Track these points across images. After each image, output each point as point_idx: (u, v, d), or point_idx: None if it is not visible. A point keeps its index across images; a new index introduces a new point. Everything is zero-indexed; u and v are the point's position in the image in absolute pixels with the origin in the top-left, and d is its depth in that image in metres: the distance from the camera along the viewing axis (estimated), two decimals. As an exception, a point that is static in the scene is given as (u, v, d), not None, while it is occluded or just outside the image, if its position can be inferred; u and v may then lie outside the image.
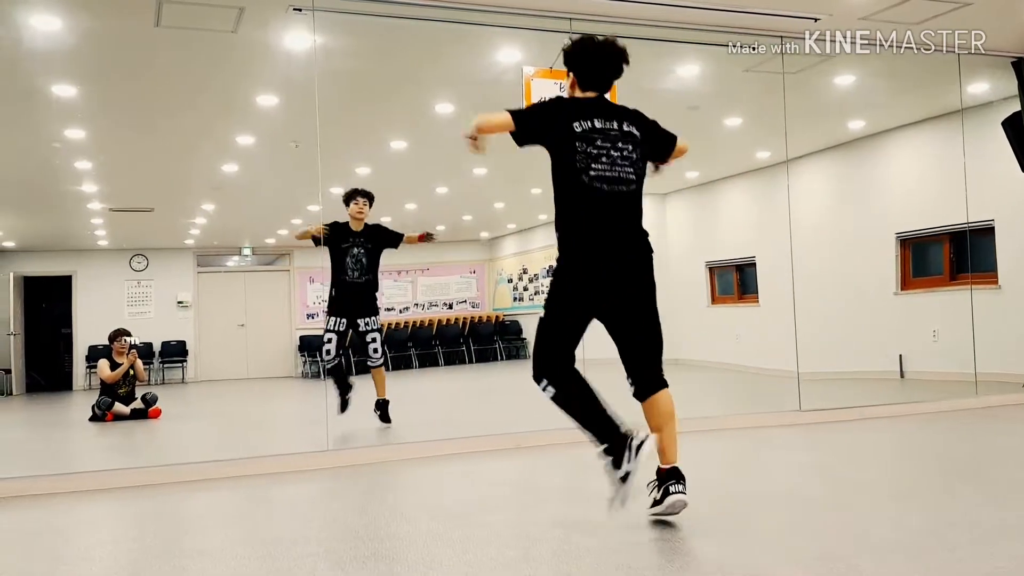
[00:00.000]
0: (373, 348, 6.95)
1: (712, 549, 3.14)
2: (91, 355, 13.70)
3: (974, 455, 5.29)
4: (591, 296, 3.45)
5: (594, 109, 3.57)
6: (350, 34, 6.30)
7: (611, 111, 3.61)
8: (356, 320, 6.90)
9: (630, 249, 3.53)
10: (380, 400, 6.96)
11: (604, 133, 3.50)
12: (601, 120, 3.53)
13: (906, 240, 9.56)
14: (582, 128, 3.48)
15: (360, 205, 6.93)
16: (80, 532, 4.22)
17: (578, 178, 3.45)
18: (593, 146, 3.46)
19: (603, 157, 3.47)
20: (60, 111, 7.36)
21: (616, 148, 3.51)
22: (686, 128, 9.71)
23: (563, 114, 3.53)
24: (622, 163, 3.51)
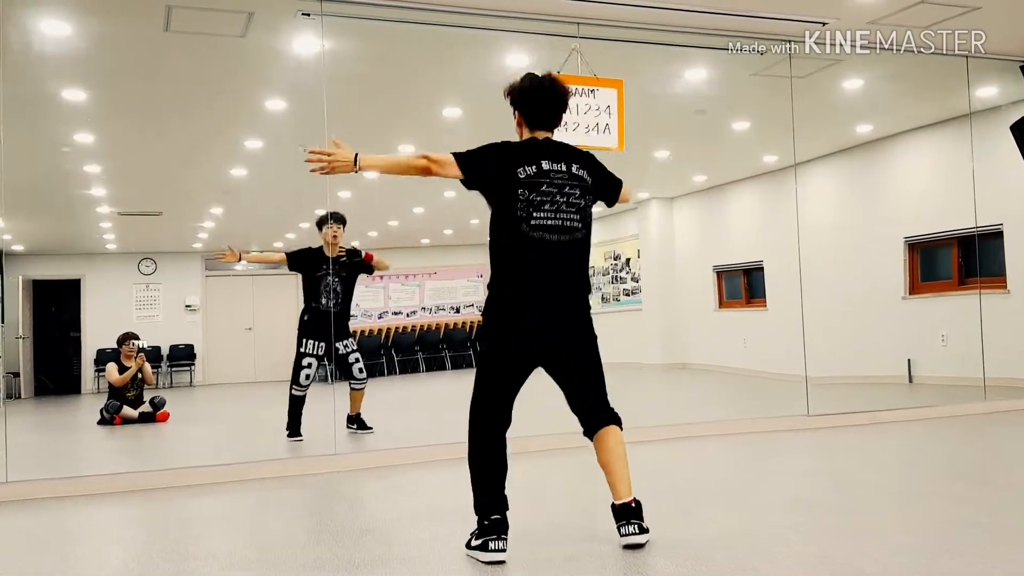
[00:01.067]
0: (358, 368, 6.91)
1: (721, 553, 3.14)
2: (99, 359, 13.74)
3: (983, 460, 5.27)
4: (528, 349, 3.33)
5: (542, 151, 3.38)
6: (358, 39, 6.31)
7: (560, 153, 3.41)
8: (335, 344, 6.85)
9: (569, 302, 3.35)
10: (354, 416, 6.96)
11: (550, 178, 3.31)
12: (549, 162, 3.34)
13: (914, 244, 9.54)
14: (526, 174, 3.30)
15: (334, 230, 6.82)
16: (89, 535, 4.24)
17: (518, 227, 3.27)
18: (537, 192, 3.28)
19: (546, 204, 3.29)
20: (69, 115, 7.39)
21: (563, 193, 3.32)
22: (694, 133, 9.78)
23: (507, 158, 3.33)
24: (567, 210, 3.33)
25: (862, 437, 6.08)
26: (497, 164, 3.33)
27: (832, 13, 6.23)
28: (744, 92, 7.97)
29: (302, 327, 6.85)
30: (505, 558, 3.17)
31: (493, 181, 3.34)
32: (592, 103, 5.92)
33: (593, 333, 3.42)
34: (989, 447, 5.73)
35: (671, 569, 2.96)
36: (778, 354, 9.75)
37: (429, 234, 15.63)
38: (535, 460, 5.53)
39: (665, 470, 5.16)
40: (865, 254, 9.98)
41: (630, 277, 14.22)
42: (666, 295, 13.48)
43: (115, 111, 7.54)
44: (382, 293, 15.95)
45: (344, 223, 6.94)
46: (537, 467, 5.36)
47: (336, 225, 6.84)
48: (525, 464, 5.46)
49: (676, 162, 11.08)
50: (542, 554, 3.24)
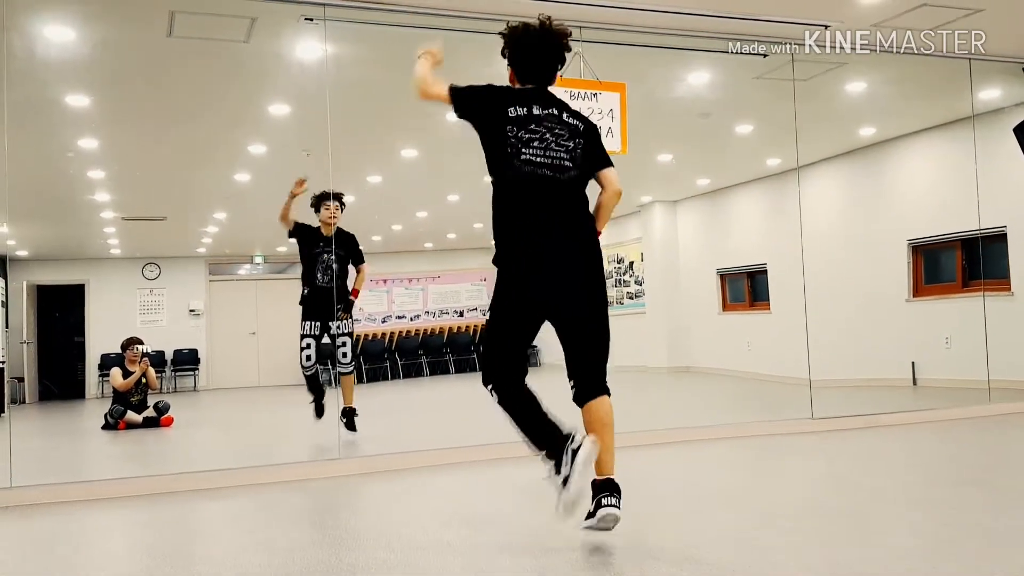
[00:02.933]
0: (343, 352, 6.85)
1: (724, 557, 3.13)
2: (104, 363, 13.76)
3: (987, 463, 5.26)
4: (534, 292, 3.27)
5: (533, 96, 3.42)
6: (361, 43, 6.32)
7: (552, 100, 3.45)
8: (328, 323, 6.83)
9: (570, 234, 3.30)
10: (347, 408, 6.84)
11: (539, 120, 3.34)
12: (539, 107, 3.38)
13: (918, 247, 9.53)
14: (517, 113, 3.34)
15: (332, 210, 6.77)
16: (93, 540, 4.24)
17: (509, 163, 3.30)
18: (525, 130, 3.31)
19: (535, 141, 3.31)
20: (73, 121, 7.41)
21: (552, 134, 3.34)
22: (697, 136, 9.77)
23: (499, 98, 3.40)
24: (556, 148, 3.33)
25: (866, 440, 6.07)
26: (488, 100, 3.41)
27: (835, 16, 6.23)
28: (747, 95, 7.98)
29: (302, 308, 6.88)
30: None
31: (483, 115, 3.40)
32: (595, 106, 5.92)
33: (601, 281, 3.35)
34: (994, 450, 5.72)
35: (673, 572, 2.96)
36: (782, 357, 9.73)
37: (432, 238, 15.64)
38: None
39: (668, 473, 5.16)
40: (868, 257, 9.97)
41: (634, 280, 14.21)
42: (670, 298, 13.48)
43: (119, 116, 7.56)
44: (385, 297, 15.95)
45: (342, 202, 6.86)
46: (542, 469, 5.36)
47: (334, 204, 6.77)
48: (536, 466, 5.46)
49: (679, 165, 11.09)
50: (541, 555, 3.24)
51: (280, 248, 15.77)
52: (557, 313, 3.31)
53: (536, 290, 3.27)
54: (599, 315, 3.32)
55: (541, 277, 3.26)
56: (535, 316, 3.33)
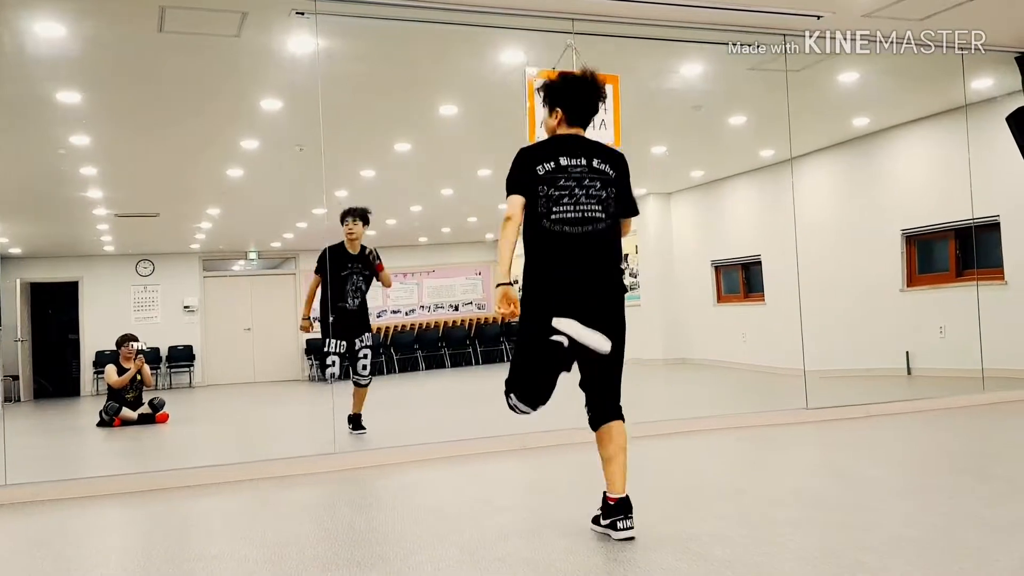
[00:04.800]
0: (363, 365, 6.92)
1: (720, 547, 3.14)
2: (98, 360, 13.75)
3: (982, 451, 5.28)
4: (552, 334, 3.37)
5: (560, 147, 3.48)
6: (353, 37, 6.30)
7: (580, 147, 3.50)
8: (354, 340, 6.92)
9: (600, 286, 3.43)
10: (354, 415, 6.91)
11: (567, 172, 3.42)
12: (567, 157, 3.44)
13: (912, 237, 9.54)
14: (545, 170, 3.41)
15: (350, 225, 6.81)
16: (88, 537, 4.24)
17: (540, 222, 3.40)
18: (555, 187, 3.39)
19: (565, 198, 3.39)
20: (65, 117, 7.38)
21: (581, 186, 3.41)
22: (690, 128, 9.76)
23: (529, 161, 3.45)
24: (587, 201, 3.41)
25: (861, 430, 6.09)
26: (524, 171, 3.44)
27: (827, 6, 6.23)
28: (740, 87, 7.97)
29: (328, 327, 6.85)
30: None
31: (524, 187, 3.43)
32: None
33: (622, 324, 3.47)
34: (988, 438, 5.74)
35: (671, 563, 2.97)
36: (777, 348, 9.76)
37: (427, 232, 15.63)
38: (540, 456, 5.54)
39: (665, 465, 5.17)
40: (862, 247, 9.99)
41: (628, 273, 14.23)
42: (665, 290, 13.49)
43: (110, 113, 7.53)
44: (380, 292, 15.94)
45: (365, 219, 6.87)
46: (542, 462, 5.37)
47: (351, 220, 6.81)
48: (531, 459, 5.47)
49: (673, 157, 11.09)
50: (544, 548, 3.24)
51: (274, 244, 15.77)
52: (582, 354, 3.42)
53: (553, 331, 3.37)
54: (619, 356, 3.47)
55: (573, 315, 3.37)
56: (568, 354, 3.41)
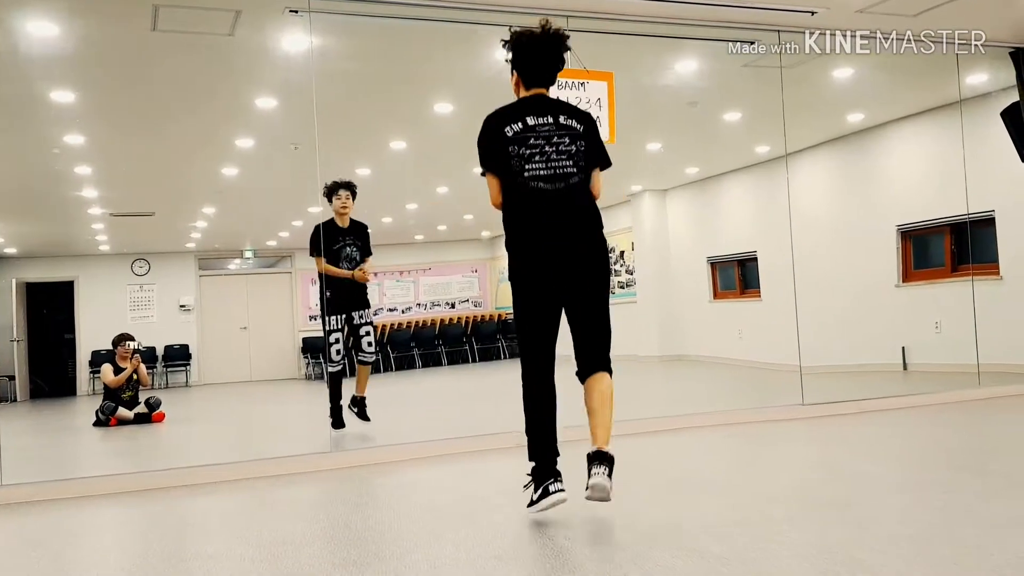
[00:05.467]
0: (367, 342, 6.83)
1: (717, 544, 3.14)
2: (94, 360, 13.74)
3: (978, 447, 5.29)
4: (548, 285, 3.49)
5: (526, 108, 3.56)
6: (347, 35, 6.30)
7: (546, 106, 3.58)
8: (351, 314, 6.80)
9: (580, 240, 3.50)
10: (358, 397, 6.82)
11: (535, 130, 3.50)
12: (533, 117, 3.52)
13: (907, 232, 9.56)
14: (513, 131, 3.49)
15: (343, 199, 6.75)
16: (85, 537, 4.23)
17: (515, 180, 3.48)
18: (525, 146, 3.47)
19: (536, 155, 3.47)
20: (59, 117, 7.37)
21: (551, 143, 3.49)
22: (685, 124, 9.74)
23: (496, 126, 3.53)
24: (558, 157, 3.50)
25: (857, 425, 6.10)
26: (493, 139, 3.52)
27: (821, 2, 6.22)
28: (735, 83, 7.97)
29: (325, 304, 6.75)
30: (567, 497, 3.39)
31: (495, 154, 3.52)
32: (582, 96, 5.91)
33: (606, 276, 3.57)
34: (984, 434, 5.75)
35: (667, 560, 2.97)
36: (773, 344, 9.77)
37: (423, 230, 15.62)
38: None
39: (661, 462, 5.17)
40: (858, 243, 10.00)
41: (624, 270, 14.23)
42: (661, 287, 13.50)
43: (105, 112, 7.52)
44: (377, 290, 15.94)
45: (353, 191, 6.80)
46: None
47: (345, 193, 6.75)
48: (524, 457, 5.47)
49: (668, 154, 11.10)
50: (536, 543, 3.24)
51: (270, 242, 15.76)
52: (567, 304, 3.56)
53: (547, 287, 3.49)
54: (602, 306, 3.57)
55: (552, 277, 3.48)
56: (554, 309, 3.55)
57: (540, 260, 3.47)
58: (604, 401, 3.47)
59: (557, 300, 3.54)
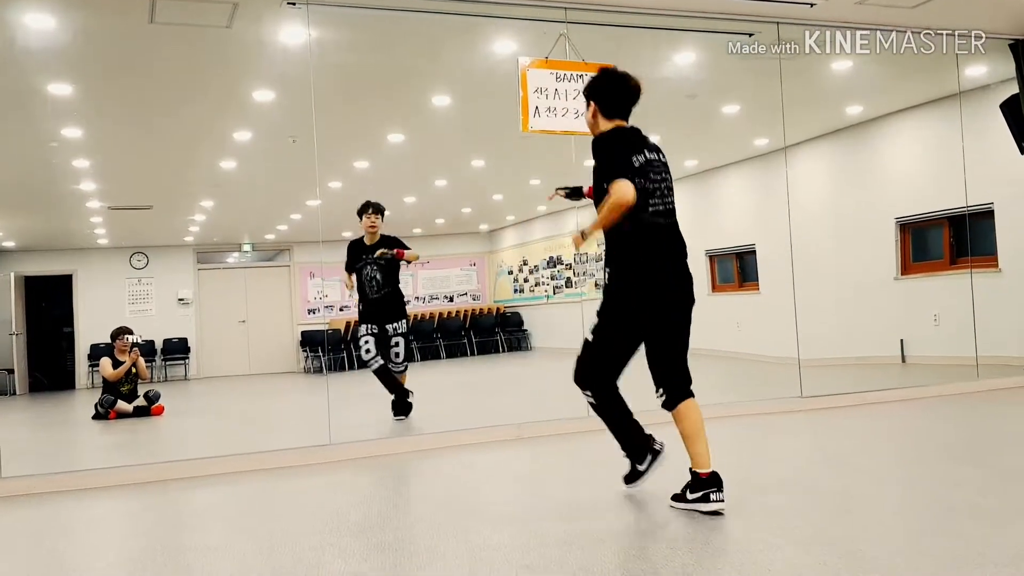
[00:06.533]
0: (396, 353, 7.05)
1: (715, 535, 3.15)
2: (93, 354, 13.75)
3: (976, 439, 5.29)
4: (646, 320, 3.59)
5: (642, 141, 3.64)
6: (345, 28, 6.28)
7: (647, 143, 3.67)
8: (385, 326, 7.03)
9: (684, 278, 3.67)
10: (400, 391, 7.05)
11: (652, 166, 3.58)
12: (648, 152, 3.61)
13: (906, 225, 9.55)
14: (639, 162, 3.54)
15: (371, 219, 7.00)
16: (85, 529, 4.23)
17: (636, 215, 3.48)
18: (648, 180, 3.53)
19: (657, 191, 3.56)
20: (56, 110, 7.35)
21: (663, 180, 3.62)
22: (684, 117, 9.72)
23: (627, 150, 3.57)
24: (668, 193, 3.62)
25: (856, 418, 6.11)
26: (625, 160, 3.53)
27: (820, -7, 6.22)
28: (734, 76, 7.95)
29: (359, 317, 7.10)
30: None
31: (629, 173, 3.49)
32: (580, 88, 5.89)
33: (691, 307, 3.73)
34: (982, 426, 5.76)
35: (667, 551, 2.98)
36: (771, 337, 9.76)
37: (421, 223, 15.61)
38: (536, 445, 5.54)
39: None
40: (857, 235, 10.00)
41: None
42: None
43: (102, 105, 7.50)
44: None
45: (382, 213, 7.08)
46: (538, 451, 5.37)
47: (374, 215, 7.00)
48: (527, 448, 5.47)
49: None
50: (540, 536, 3.25)
51: (268, 236, 15.75)
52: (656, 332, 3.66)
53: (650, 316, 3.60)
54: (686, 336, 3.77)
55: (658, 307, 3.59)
56: (639, 338, 3.67)
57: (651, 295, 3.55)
58: (697, 427, 3.64)
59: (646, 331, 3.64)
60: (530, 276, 16.08)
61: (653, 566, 2.83)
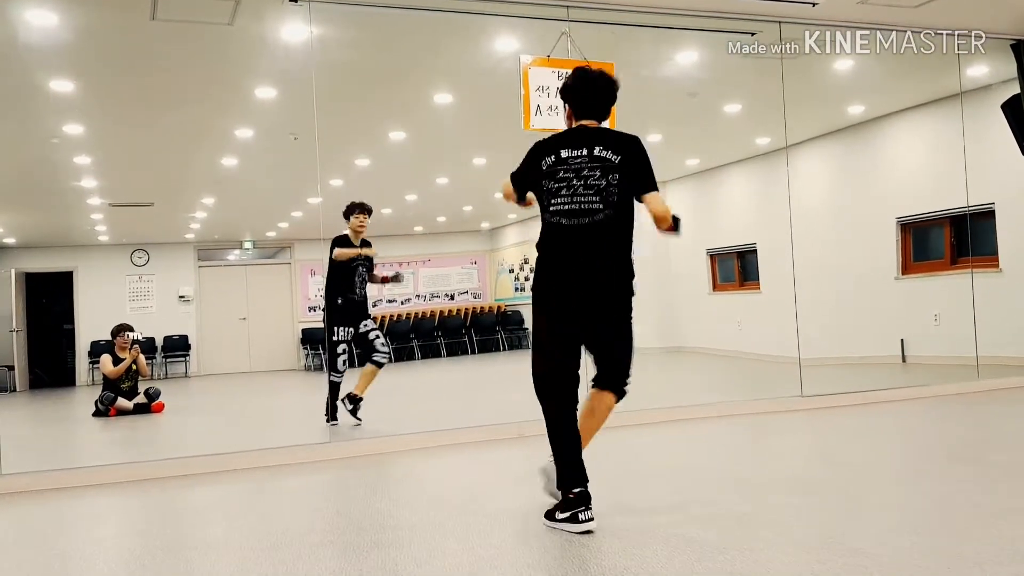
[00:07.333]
0: (381, 343, 7.03)
1: (714, 534, 3.15)
2: (94, 351, 13.73)
3: (976, 439, 5.29)
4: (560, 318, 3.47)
5: (563, 140, 3.54)
6: (346, 25, 6.27)
7: (583, 138, 3.51)
8: (359, 325, 7.00)
9: (599, 276, 3.45)
10: (356, 396, 6.87)
11: (567, 163, 3.46)
12: (568, 149, 3.49)
13: (907, 224, 9.55)
14: (546, 164, 3.50)
15: (360, 220, 7.02)
16: (86, 526, 4.24)
17: (544, 214, 3.51)
18: (554, 180, 3.46)
19: (563, 190, 3.44)
20: (58, 106, 7.35)
21: (580, 177, 3.43)
22: (686, 116, 9.72)
23: (536, 155, 3.56)
24: (585, 192, 3.42)
25: (856, 417, 6.11)
26: (530, 167, 3.58)
27: (822, -8, 6.21)
28: (735, 74, 7.95)
29: (334, 314, 6.93)
30: (595, 528, 3.26)
31: (526, 180, 3.62)
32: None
33: (627, 312, 3.56)
34: (983, 426, 5.76)
35: (664, 549, 2.98)
36: (772, 336, 9.77)
37: (422, 221, 15.61)
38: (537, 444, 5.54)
39: (660, 453, 5.18)
40: (858, 235, 9.99)
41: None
42: (660, 279, 13.48)
43: (104, 101, 7.50)
44: (376, 281, 15.91)
45: (370, 213, 7.12)
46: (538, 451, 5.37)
47: (363, 215, 7.04)
48: (527, 447, 5.47)
49: (668, 146, 11.06)
50: (540, 535, 3.25)
51: (269, 233, 15.74)
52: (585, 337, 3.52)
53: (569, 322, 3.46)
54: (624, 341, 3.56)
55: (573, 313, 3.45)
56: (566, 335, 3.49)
57: (558, 292, 3.46)
58: (593, 416, 3.52)
59: (576, 330, 3.49)
60: (531, 275, 16.06)
61: (652, 564, 2.83)
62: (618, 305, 3.51)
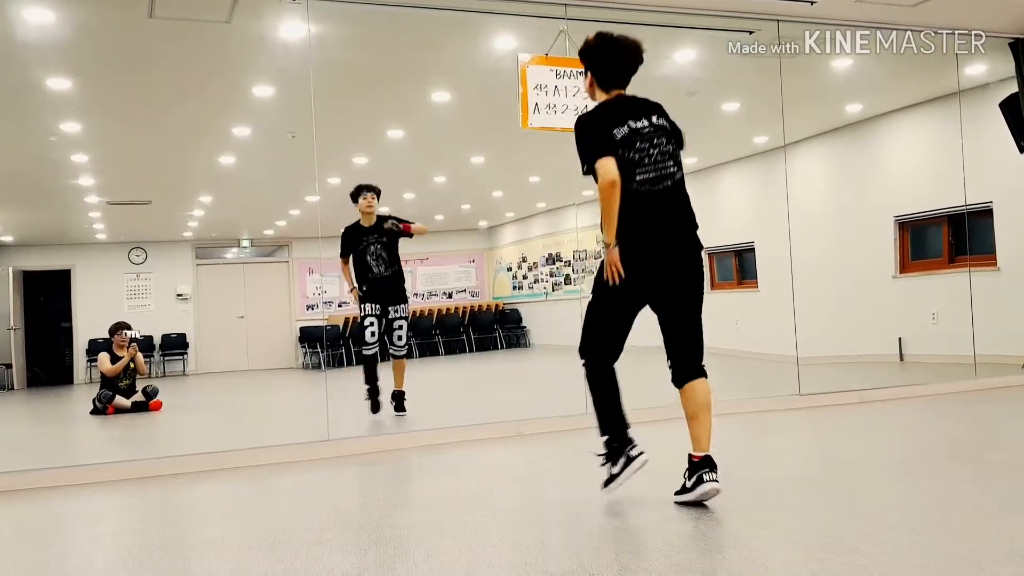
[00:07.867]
0: (398, 336, 7.06)
1: (713, 532, 3.15)
2: (91, 349, 13.73)
3: (974, 437, 5.29)
4: (643, 287, 3.57)
5: (625, 110, 3.58)
6: (345, 23, 6.27)
7: (639, 108, 3.62)
8: (387, 307, 7.01)
9: (683, 242, 3.64)
10: (396, 391, 7.02)
11: (639, 133, 3.53)
12: (634, 120, 3.55)
13: (904, 223, 9.56)
14: (621, 135, 3.50)
15: (368, 199, 7.00)
16: (83, 525, 4.23)
17: (627, 183, 3.47)
18: (633, 150, 3.50)
19: (645, 159, 3.51)
20: (55, 105, 7.34)
21: (653, 145, 3.55)
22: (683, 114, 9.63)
23: (604, 126, 3.53)
24: (661, 159, 3.56)
25: (854, 416, 6.11)
26: (601, 136, 3.51)
27: (820, -10, 6.21)
28: (733, 73, 7.95)
29: (361, 298, 7.01)
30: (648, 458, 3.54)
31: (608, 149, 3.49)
32: (580, 85, 5.89)
33: (702, 281, 3.76)
34: (980, 424, 5.76)
35: (664, 548, 2.98)
36: (770, 334, 9.76)
37: (419, 219, 15.44)
38: (535, 442, 5.55)
39: (658, 451, 5.17)
40: (856, 234, 10.00)
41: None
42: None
43: (101, 99, 7.49)
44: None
45: (378, 192, 7.10)
46: (537, 448, 5.38)
47: (370, 195, 7.02)
48: (526, 445, 5.48)
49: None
50: (539, 533, 3.25)
51: (267, 231, 15.73)
52: (662, 302, 3.67)
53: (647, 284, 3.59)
54: (698, 307, 3.74)
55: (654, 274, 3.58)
56: (638, 306, 3.67)
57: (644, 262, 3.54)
58: (703, 408, 3.57)
59: (647, 299, 3.64)
60: (529, 273, 16.08)
61: (651, 563, 2.83)
62: (701, 269, 3.74)
